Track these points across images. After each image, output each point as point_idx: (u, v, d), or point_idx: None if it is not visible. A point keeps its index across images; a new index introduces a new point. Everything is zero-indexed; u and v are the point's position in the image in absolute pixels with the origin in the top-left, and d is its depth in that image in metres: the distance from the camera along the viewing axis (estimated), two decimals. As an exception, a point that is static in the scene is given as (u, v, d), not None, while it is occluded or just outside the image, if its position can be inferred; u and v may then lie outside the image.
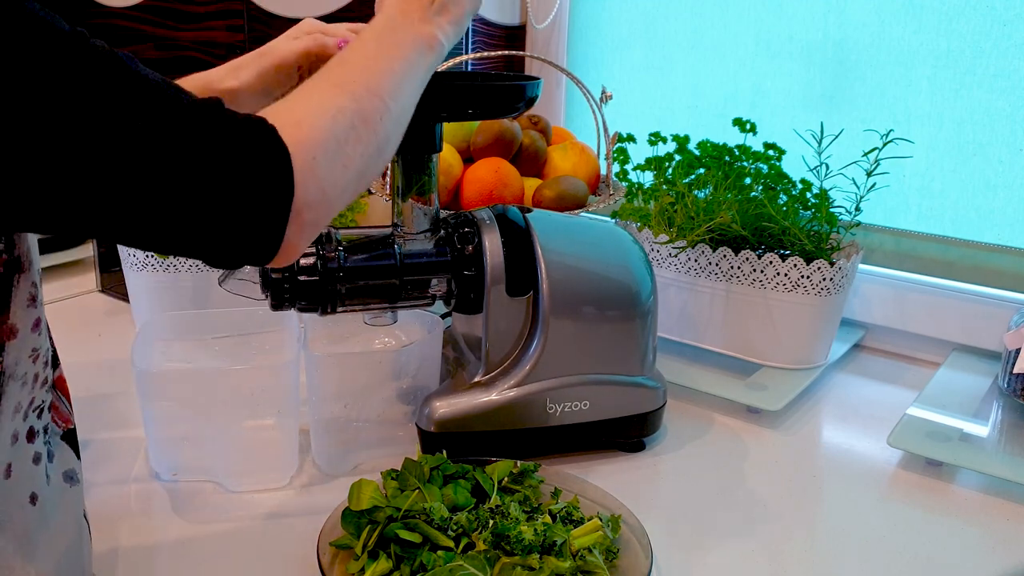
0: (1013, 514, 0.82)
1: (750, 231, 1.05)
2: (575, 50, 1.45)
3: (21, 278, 0.53)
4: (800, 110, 1.24)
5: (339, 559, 0.67)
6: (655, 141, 1.14)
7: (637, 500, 0.74)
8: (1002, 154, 1.10)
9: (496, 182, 1.09)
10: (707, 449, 0.92)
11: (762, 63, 1.26)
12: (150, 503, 0.80)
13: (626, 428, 0.88)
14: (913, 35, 1.13)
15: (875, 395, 1.07)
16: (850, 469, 0.89)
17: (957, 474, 0.88)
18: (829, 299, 1.03)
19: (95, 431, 0.91)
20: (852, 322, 1.20)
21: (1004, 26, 1.06)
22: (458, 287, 0.83)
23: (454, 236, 0.84)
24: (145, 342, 0.85)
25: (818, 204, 1.03)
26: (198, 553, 0.73)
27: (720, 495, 0.83)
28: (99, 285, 1.34)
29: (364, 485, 0.69)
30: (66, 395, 0.62)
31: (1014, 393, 0.97)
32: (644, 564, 0.66)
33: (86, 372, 1.05)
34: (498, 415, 0.83)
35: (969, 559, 0.75)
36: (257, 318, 0.91)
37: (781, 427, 0.97)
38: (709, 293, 1.09)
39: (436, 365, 0.88)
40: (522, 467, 0.77)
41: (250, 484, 0.82)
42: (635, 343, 0.86)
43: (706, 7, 1.29)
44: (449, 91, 0.77)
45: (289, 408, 0.82)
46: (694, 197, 1.06)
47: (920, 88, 1.14)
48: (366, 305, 0.82)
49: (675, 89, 1.35)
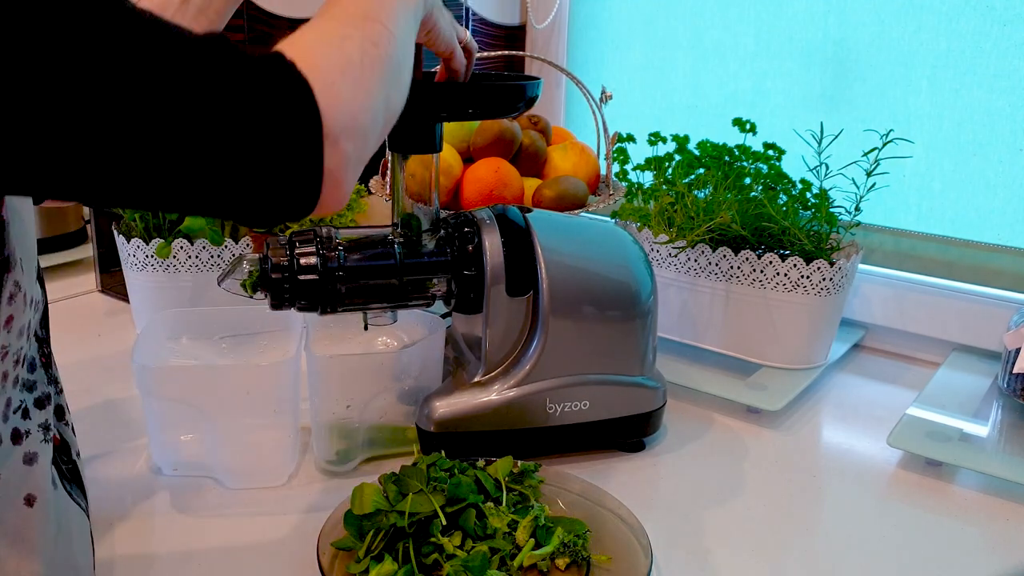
0: (1013, 514, 0.82)
1: (750, 231, 1.05)
2: (575, 50, 1.45)
3: (6, 276, 0.52)
4: (800, 110, 1.24)
5: (339, 559, 0.68)
6: (655, 141, 1.14)
7: (637, 500, 0.74)
8: (1002, 154, 1.10)
9: (496, 182, 1.09)
10: (707, 449, 0.92)
11: (762, 63, 1.26)
12: (151, 499, 0.80)
13: (626, 428, 0.88)
14: (913, 35, 1.13)
15: (875, 395, 1.07)
16: (850, 469, 0.89)
17: (957, 474, 0.88)
18: (829, 299, 1.03)
19: (96, 430, 0.91)
20: (852, 322, 1.20)
21: (1004, 26, 1.06)
22: (458, 287, 0.83)
23: (454, 236, 0.84)
24: (148, 339, 0.85)
25: (818, 204, 1.03)
26: (197, 550, 0.73)
27: (720, 495, 0.83)
28: (99, 285, 1.34)
29: (366, 488, 0.69)
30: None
31: (1014, 393, 0.97)
32: (644, 564, 0.67)
33: (86, 372, 1.05)
34: (498, 415, 0.83)
35: (969, 559, 0.75)
36: (261, 317, 0.91)
37: (781, 427, 0.97)
38: (709, 293, 1.09)
39: (438, 365, 0.88)
40: (522, 467, 0.77)
41: (249, 482, 0.82)
42: (635, 343, 0.86)
43: (706, 7, 1.29)
44: (449, 91, 0.77)
45: (289, 407, 0.83)
46: (694, 197, 1.06)
47: (920, 88, 1.14)
48: (366, 305, 0.82)
49: (675, 89, 1.35)
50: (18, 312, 0.54)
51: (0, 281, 0.52)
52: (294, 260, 0.77)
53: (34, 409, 0.57)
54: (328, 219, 1.10)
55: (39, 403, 0.58)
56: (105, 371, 1.06)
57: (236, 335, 0.94)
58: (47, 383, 0.60)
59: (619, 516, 0.73)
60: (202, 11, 0.75)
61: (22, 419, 0.56)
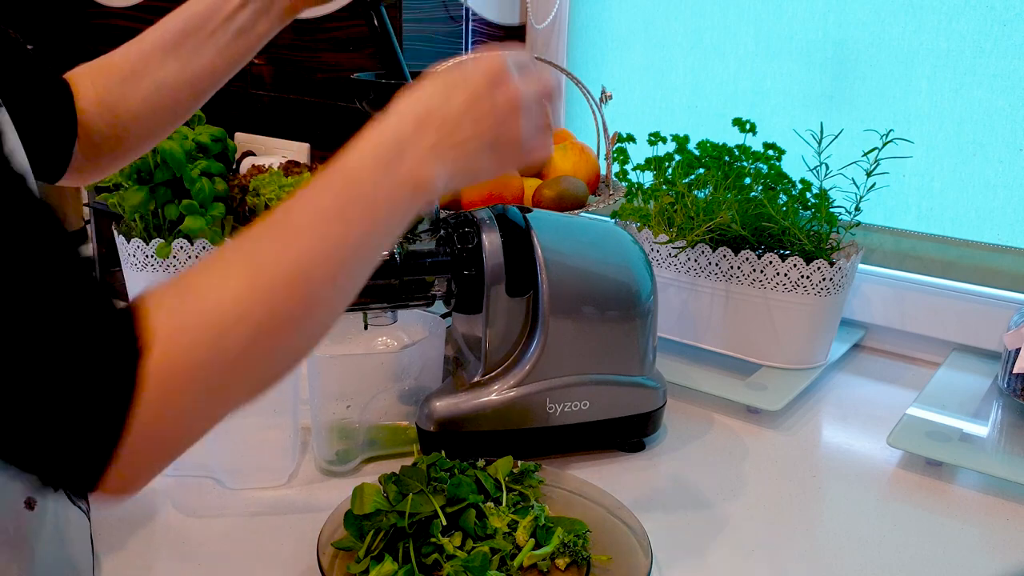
0: (1013, 514, 0.82)
1: (750, 231, 1.05)
2: (575, 50, 1.45)
3: None
4: (800, 110, 1.24)
5: (339, 559, 0.68)
6: (655, 141, 1.14)
7: (637, 500, 0.74)
8: (1002, 154, 1.10)
9: (496, 182, 1.09)
10: (707, 449, 0.92)
11: (762, 63, 1.26)
12: (151, 500, 0.80)
13: (626, 428, 0.88)
14: (913, 35, 1.13)
15: (875, 395, 1.07)
16: (850, 469, 0.89)
17: (957, 474, 0.88)
18: (829, 299, 1.03)
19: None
20: (852, 322, 1.20)
21: (1004, 26, 1.06)
22: (458, 287, 0.83)
23: (454, 236, 0.84)
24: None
25: (818, 204, 1.03)
26: (198, 550, 0.73)
27: (720, 495, 0.83)
28: (99, 285, 1.34)
29: (366, 488, 0.69)
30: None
31: (1014, 393, 0.97)
32: (644, 564, 0.67)
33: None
34: (498, 415, 0.83)
35: (969, 559, 0.75)
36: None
37: (781, 427, 0.97)
38: (709, 293, 1.09)
39: (438, 366, 0.88)
40: (522, 467, 0.77)
41: (249, 482, 0.82)
42: (635, 343, 0.86)
43: (706, 7, 1.29)
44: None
45: (289, 407, 0.83)
46: (694, 197, 1.06)
47: (920, 88, 1.14)
48: (366, 305, 0.82)
49: (675, 89, 1.35)
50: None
51: None
52: (294, 260, 0.77)
53: None
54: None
55: None
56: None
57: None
58: None
59: (619, 516, 0.73)
60: (242, 33, 0.75)
61: None
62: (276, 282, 0.44)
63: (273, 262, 0.45)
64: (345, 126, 1.47)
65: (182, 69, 0.74)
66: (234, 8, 0.74)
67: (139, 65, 0.74)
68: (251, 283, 0.44)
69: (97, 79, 0.73)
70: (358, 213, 0.48)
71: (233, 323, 0.42)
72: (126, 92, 0.73)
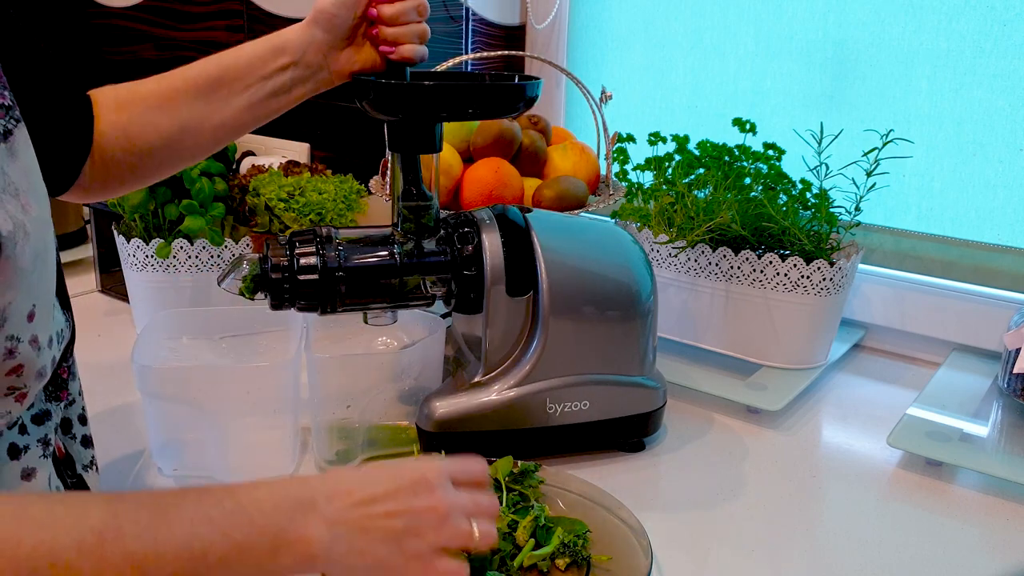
0: (1013, 514, 0.82)
1: (750, 231, 1.05)
2: (575, 50, 1.45)
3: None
4: (800, 110, 1.24)
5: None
6: (655, 141, 1.14)
7: (637, 500, 0.74)
8: (1002, 154, 1.10)
9: (496, 182, 1.09)
10: (707, 449, 0.92)
11: (762, 63, 1.26)
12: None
13: (626, 428, 0.88)
14: (913, 35, 1.13)
15: (875, 395, 1.07)
16: (850, 469, 0.89)
17: (957, 474, 0.88)
18: (829, 299, 1.03)
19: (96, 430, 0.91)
20: (852, 322, 1.20)
21: (1004, 26, 1.06)
22: (458, 287, 0.83)
23: (454, 236, 0.84)
24: (148, 339, 0.85)
25: (818, 204, 1.03)
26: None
27: (720, 495, 0.83)
28: (99, 285, 1.34)
29: None
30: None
31: (1014, 393, 0.97)
32: (644, 564, 0.67)
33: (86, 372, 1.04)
34: (498, 415, 0.83)
35: (969, 559, 0.75)
36: (261, 317, 0.92)
37: (781, 427, 0.97)
38: (709, 293, 1.09)
39: (438, 366, 0.88)
40: (522, 467, 0.77)
41: (250, 484, 0.82)
42: (635, 343, 0.86)
43: (706, 7, 1.29)
44: (449, 91, 0.77)
45: (289, 407, 0.83)
46: (694, 197, 1.06)
47: (920, 88, 1.14)
48: (366, 305, 0.82)
49: (675, 89, 1.35)
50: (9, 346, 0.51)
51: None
52: (294, 260, 0.77)
53: (31, 425, 0.57)
54: (328, 219, 1.10)
55: (37, 419, 0.58)
56: (105, 371, 1.06)
57: (236, 335, 0.94)
58: (43, 400, 0.59)
59: (619, 516, 0.73)
60: (276, 94, 0.75)
61: (19, 434, 0.56)
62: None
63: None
64: (345, 126, 1.47)
65: (208, 115, 0.74)
66: (274, 70, 0.74)
67: (166, 101, 0.73)
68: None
69: (122, 105, 0.73)
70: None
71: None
72: (147, 124, 0.73)
